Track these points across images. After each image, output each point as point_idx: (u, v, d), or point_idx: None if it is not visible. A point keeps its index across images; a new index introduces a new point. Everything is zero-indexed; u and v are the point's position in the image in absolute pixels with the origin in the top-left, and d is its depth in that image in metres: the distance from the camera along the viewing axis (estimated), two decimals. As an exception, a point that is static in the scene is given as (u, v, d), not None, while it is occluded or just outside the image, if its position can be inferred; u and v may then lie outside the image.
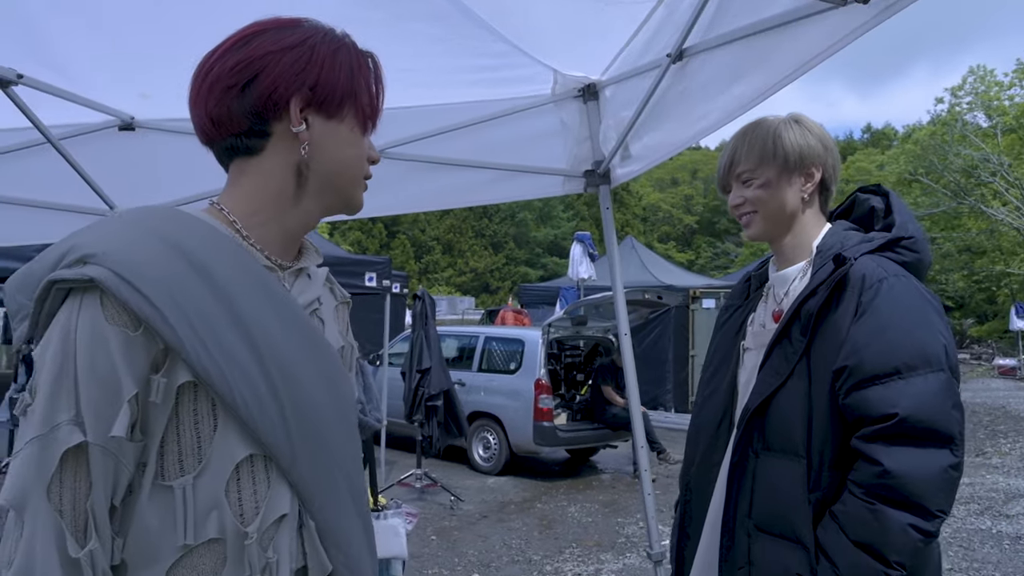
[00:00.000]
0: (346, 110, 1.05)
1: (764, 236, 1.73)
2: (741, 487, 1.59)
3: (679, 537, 1.83)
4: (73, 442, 0.84)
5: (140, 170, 2.88)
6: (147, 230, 0.92)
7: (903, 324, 1.44)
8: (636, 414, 2.87)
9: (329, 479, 1.01)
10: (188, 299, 0.90)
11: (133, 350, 0.87)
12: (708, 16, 2.00)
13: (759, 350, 1.67)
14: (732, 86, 1.99)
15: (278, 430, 0.94)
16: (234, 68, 1.00)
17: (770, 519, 1.53)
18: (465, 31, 2.36)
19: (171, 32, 2.23)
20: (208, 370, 0.90)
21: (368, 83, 1.07)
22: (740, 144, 1.70)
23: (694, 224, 60.70)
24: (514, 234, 54.66)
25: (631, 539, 6.34)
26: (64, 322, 0.87)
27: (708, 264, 52.99)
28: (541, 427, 8.46)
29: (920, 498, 1.37)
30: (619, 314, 2.89)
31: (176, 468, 0.91)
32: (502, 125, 2.90)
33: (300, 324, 1.02)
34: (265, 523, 0.94)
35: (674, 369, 13.44)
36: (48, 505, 0.84)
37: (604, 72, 2.74)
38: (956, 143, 27.27)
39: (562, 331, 9.70)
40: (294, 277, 1.09)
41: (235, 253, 0.98)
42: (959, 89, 28.27)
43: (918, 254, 1.60)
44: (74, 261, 0.88)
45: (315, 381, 1.01)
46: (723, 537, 1.61)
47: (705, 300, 13.67)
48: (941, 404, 1.40)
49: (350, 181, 1.08)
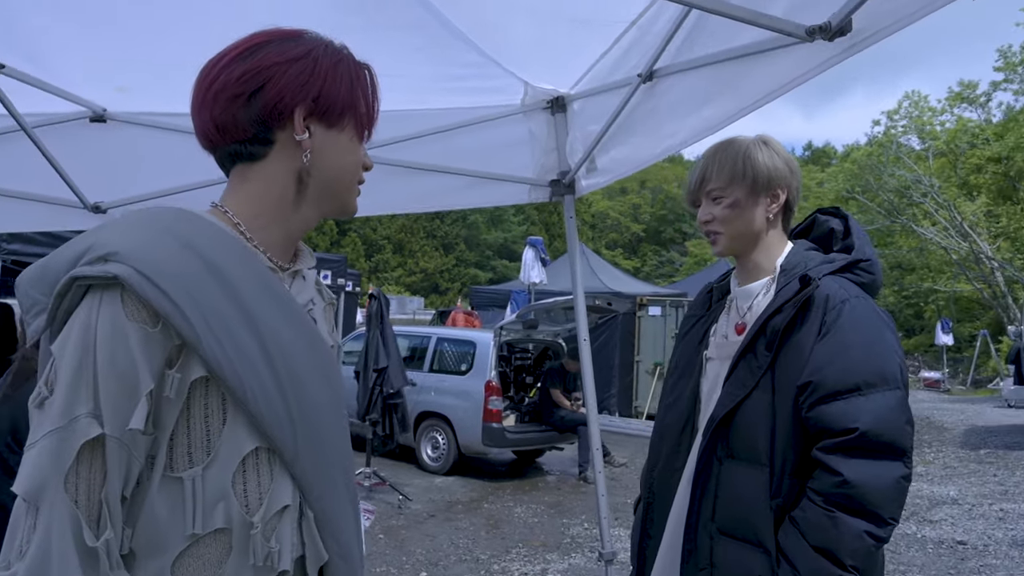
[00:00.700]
0: (346, 120, 1.09)
1: (730, 252, 1.79)
2: (705, 492, 1.64)
3: (641, 537, 1.87)
4: (92, 434, 0.86)
5: (113, 163, 2.83)
6: (162, 230, 0.94)
7: (863, 344, 1.52)
8: (593, 419, 2.91)
9: (327, 472, 1.05)
10: (204, 296, 0.92)
11: (151, 346, 0.89)
12: (679, 41, 2.07)
13: (722, 360, 1.73)
14: (701, 108, 2.06)
15: (284, 425, 0.98)
16: (241, 77, 1.02)
17: (733, 523, 1.58)
18: (442, 41, 2.38)
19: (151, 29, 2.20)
20: (222, 365, 0.92)
21: (366, 93, 1.11)
22: (711, 162, 1.74)
23: (641, 232, 61.46)
24: (465, 236, 54.57)
25: (576, 540, 6.41)
26: (84, 318, 0.89)
27: (653, 272, 53.74)
28: (490, 428, 8.48)
29: (875, 506, 1.45)
30: (579, 320, 2.94)
31: (185, 460, 0.93)
32: (472, 133, 2.92)
33: (302, 324, 1.05)
34: (268, 513, 0.97)
35: (620, 374, 13.62)
36: (65, 496, 0.85)
37: (573, 86, 2.79)
38: (891, 164, 28.20)
39: (513, 334, 9.74)
40: (291, 278, 1.12)
41: (242, 254, 1.00)
42: (895, 113, 29.26)
43: (873, 275, 1.68)
44: (96, 259, 0.89)
45: (316, 379, 1.04)
46: (686, 539, 1.66)
47: (651, 307, 13.89)
48: (897, 420, 1.48)
49: (347, 187, 1.13)
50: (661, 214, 61.33)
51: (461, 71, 2.62)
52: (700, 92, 2.07)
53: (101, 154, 2.81)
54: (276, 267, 1.07)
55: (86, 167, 2.87)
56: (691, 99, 2.12)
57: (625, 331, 13.73)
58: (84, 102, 2.69)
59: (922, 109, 28.75)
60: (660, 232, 61.00)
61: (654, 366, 13.58)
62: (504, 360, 9.94)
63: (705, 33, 1.97)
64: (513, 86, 2.78)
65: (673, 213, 59.99)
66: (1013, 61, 24.53)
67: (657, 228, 61.42)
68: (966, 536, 6.40)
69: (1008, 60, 24.63)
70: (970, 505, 7.52)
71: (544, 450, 9.78)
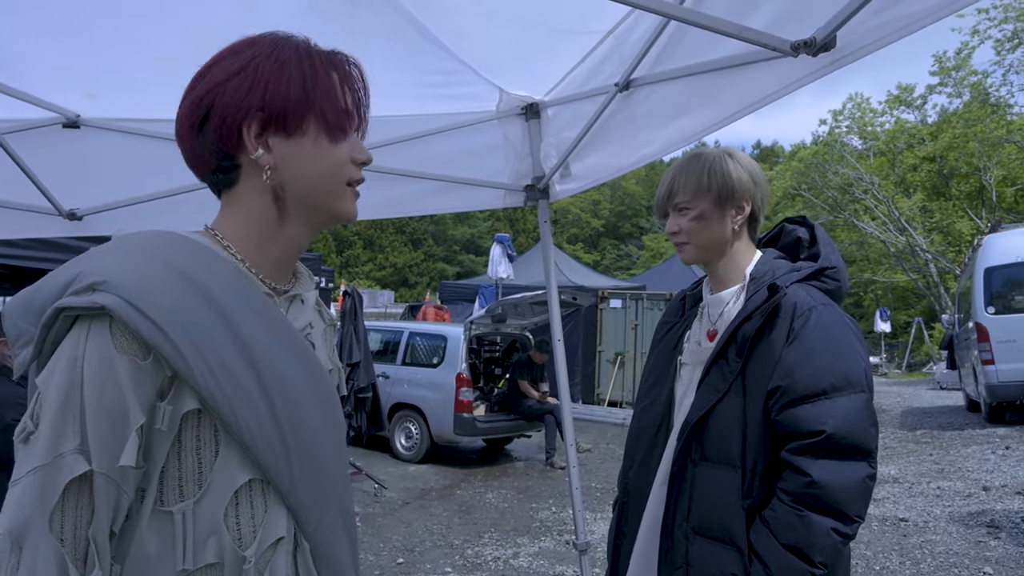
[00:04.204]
0: (307, 122, 0.95)
1: (697, 261, 1.78)
2: (680, 493, 1.62)
3: (616, 535, 1.86)
4: (78, 471, 0.79)
5: (88, 170, 2.71)
6: (152, 256, 0.87)
7: (830, 349, 1.52)
8: (567, 416, 2.89)
9: (324, 501, 0.98)
10: (197, 326, 0.86)
11: (142, 379, 0.83)
12: (656, 51, 2.02)
13: (695, 366, 1.72)
14: (678, 118, 2.02)
15: (278, 454, 0.91)
16: (190, 109, 0.95)
17: (707, 523, 1.57)
18: (419, 47, 2.32)
19: (120, 33, 2.11)
20: (215, 396, 0.86)
21: (329, 88, 0.96)
22: (678, 175, 1.73)
23: (600, 227, 61.71)
24: (433, 231, 54.28)
25: (545, 523, 6.41)
26: (71, 350, 0.82)
27: (612, 265, 54.02)
28: (461, 418, 8.47)
29: (842, 505, 1.45)
30: (554, 323, 2.91)
31: (176, 493, 0.86)
32: (448, 138, 2.87)
33: (298, 349, 0.98)
34: (262, 546, 0.90)
35: (583, 363, 13.69)
36: (50, 535, 0.79)
37: (547, 93, 2.75)
38: (835, 163, 28.67)
39: (482, 328, 9.75)
40: (288, 302, 1.04)
41: (236, 278, 0.93)
42: (839, 113, 29.67)
43: (839, 282, 1.68)
44: (83, 288, 0.82)
45: (312, 405, 0.97)
46: (663, 539, 1.64)
47: (612, 300, 13.96)
48: (862, 422, 1.48)
49: (326, 194, 0.99)
50: (620, 210, 61.62)
51: (438, 78, 2.56)
52: (678, 102, 2.03)
53: (75, 161, 2.70)
54: (272, 291, 1.00)
55: (60, 174, 2.76)
56: (668, 109, 2.08)
57: (588, 323, 13.80)
58: (57, 108, 2.57)
59: (864, 111, 29.23)
60: (618, 227, 61.30)
61: (615, 355, 13.68)
62: (474, 353, 9.93)
63: (684, 44, 1.93)
64: (488, 92, 2.73)
65: (631, 209, 60.33)
66: (947, 66, 25.04)
67: (616, 223, 61.72)
68: (907, 513, 6.54)
69: (943, 65, 25.10)
70: (909, 484, 7.68)
71: (513, 438, 9.79)
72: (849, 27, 1.42)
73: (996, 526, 5.99)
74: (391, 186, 2.92)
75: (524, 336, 10.04)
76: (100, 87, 2.46)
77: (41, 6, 2.01)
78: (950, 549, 5.51)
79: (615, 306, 13.88)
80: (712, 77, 1.86)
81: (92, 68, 2.33)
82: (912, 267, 28.30)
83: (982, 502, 6.77)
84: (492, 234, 12.94)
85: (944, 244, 27.34)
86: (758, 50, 1.58)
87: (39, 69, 2.30)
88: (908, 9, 1.34)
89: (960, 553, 5.40)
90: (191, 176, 1.02)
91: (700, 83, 1.92)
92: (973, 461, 8.54)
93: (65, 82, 2.41)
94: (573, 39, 2.23)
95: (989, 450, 9.09)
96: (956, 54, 24.56)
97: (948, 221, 26.92)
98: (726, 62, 1.77)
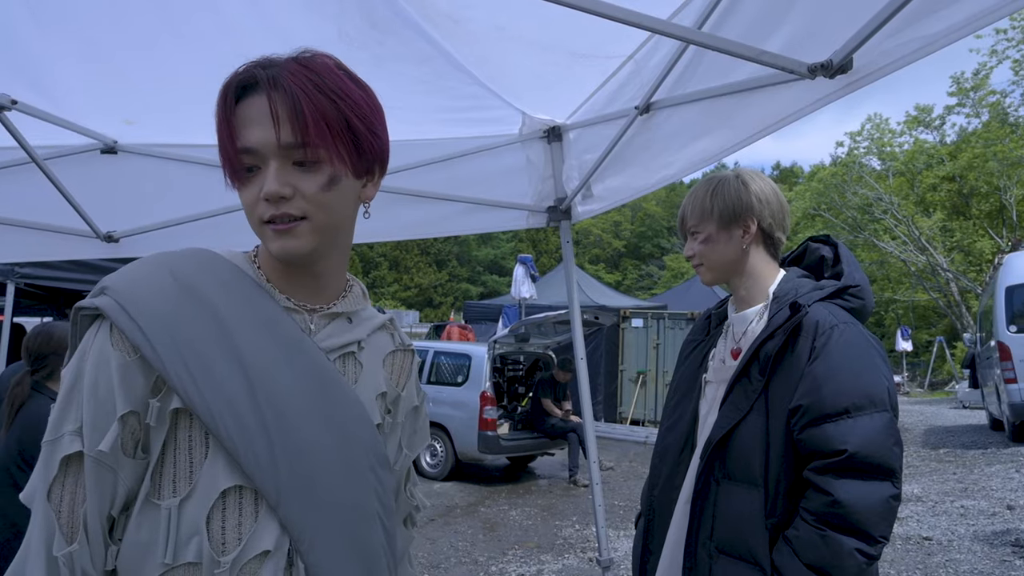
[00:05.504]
0: (225, 159, 0.93)
1: (716, 282, 1.77)
2: (703, 512, 1.59)
3: (642, 552, 1.83)
4: (71, 450, 0.87)
5: (125, 194, 2.77)
6: (159, 267, 0.93)
7: (852, 368, 1.48)
8: (591, 435, 2.87)
9: (322, 524, 0.94)
10: (184, 333, 0.90)
11: (130, 373, 0.88)
12: (675, 75, 2.02)
13: (719, 384, 1.70)
14: (698, 140, 2.02)
15: (264, 464, 0.90)
16: None
17: (730, 542, 1.54)
18: (444, 73, 2.35)
19: (158, 62, 2.16)
20: (192, 399, 0.89)
21: (220, 123, 0.91)
22: (688, 201, 1.75)
23: (621, 248, 61.57)
24: (457, 252, 54.51)
25: (568, 541, 6.34)
26: (83, 344, 0.91)
27: (634, 284, 53.81)
28: (485, 436, 8.43)
29: (865, 525, 1.41)
30: (576, 342, 2.90)
31: (169, 489, 0.90)
32: (472, 161, 2.89)
33: (310, 365, 0.97)
34: (246, 556, 0.89)
35: (605, 382, 13.59)
36: (47, 504, 0.87)
37: (569, 116, 2.76)
38: (854, 183, 28.40)
39: (506, 347, 9.73)
40: (326, 320, 1.03)
41: (249, 293, 0.96)
42: (858, 134, 29.44)
43: (863, 300, 1.65)
44: (97, 292, 0.92)
45: (316, 422, 0.95)
46: (686, 558, 1.61)
47: (634, 319, 13.88)
48: (884, 441, 1.44)
49: (255, 231, 0.94)
50: (640, 231, 61.48)
51: (462, 102, 2.58)
52: (697, 125, 2.03)
53: (112, 185, 2.76)
54: (299, 307, 1.00)
55: (98, 198, 2.81)
56: (687, 131, 2.08)
57: (610, 342, 13.72)
58: (95, 135, 2.64)
59: (883, 131, 28.99)
60: (639, 247, 61.14)
61: (637, 374, 13.57)
62: (498, 371, 9.92)
63: (702, 68, 1.93)
64: (511, 116, 2.76)
65: (651, 229, 60.17)
66: (965, 87, 24.78)
67: (637, 244, 61.56)
68: (931, 532, 6.37)
69: (960, 86, 24.87)
70: (933, 502, 7.50)
71: (536, 456, 9.72)
72: (865, 49, 1.40)
73: (1021, 545, 5.82)
74: (417, 208, 2.94)
75: (547, 355, 10.00)
76: (136, 114, 2.51)
77: (81, 39, 2.06)
78: (975, 568, 5.36)
79: (637, 325, 13.80)
80: (730, 100, 1.86)
81: (128, 96, 2.39)
82: (933, 286, 27.84)
83: (1007, 521, 6.59)
84: (515, 255, 12.97)
85: (965, 263, 26.88)
86: (775, 73, 1.57)
87: (79, 97, 2.36)
88: (925, 31, 1.33)
89: (985, 572, 5.25)
90: (224, 198, 1.05)
91: (719, 106, 1.91)
92: (997, 480, 8.32)
93: (103, 110, 2.47)
94: (594, 64, 2.24)
95: (1013, 469, 8.84)
96: (974, 74, 24.33)
97: (968, 240, 26.52)
98: (744, 85, 1.77)
